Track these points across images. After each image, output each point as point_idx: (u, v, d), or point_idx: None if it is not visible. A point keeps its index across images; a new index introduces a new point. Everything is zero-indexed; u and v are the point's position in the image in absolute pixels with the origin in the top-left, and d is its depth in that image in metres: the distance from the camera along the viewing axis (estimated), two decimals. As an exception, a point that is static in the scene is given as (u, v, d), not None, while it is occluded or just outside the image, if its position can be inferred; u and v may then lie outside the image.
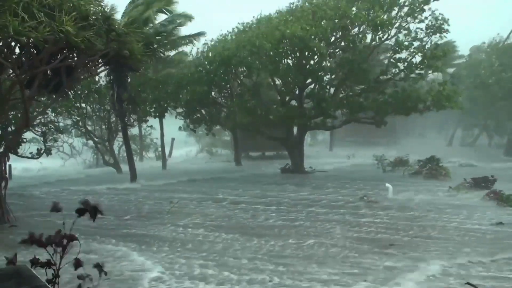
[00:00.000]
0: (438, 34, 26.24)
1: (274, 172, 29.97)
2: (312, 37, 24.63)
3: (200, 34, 30.84)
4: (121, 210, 17.04)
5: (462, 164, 30.96)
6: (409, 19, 26.01)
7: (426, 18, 25.77)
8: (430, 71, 26.84)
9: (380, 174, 27.74)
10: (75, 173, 33.54)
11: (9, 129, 23.02)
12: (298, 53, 26.13)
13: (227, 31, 30.42)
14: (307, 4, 28.09)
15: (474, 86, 40.56)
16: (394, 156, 30.46)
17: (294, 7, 29.19)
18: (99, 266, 4.67)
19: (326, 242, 11.52)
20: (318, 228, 13.24)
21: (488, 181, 20.39)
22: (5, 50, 13.47)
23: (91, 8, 12.75)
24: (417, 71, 26.28)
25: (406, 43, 25.89)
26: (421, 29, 25.92)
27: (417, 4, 25.54)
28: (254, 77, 28.85)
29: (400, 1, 25.83)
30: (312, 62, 26.10)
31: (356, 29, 26.41)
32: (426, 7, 25.54)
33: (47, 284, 4.13)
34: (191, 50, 31.88)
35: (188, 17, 28.86)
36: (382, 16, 24.86)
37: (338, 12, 25.32)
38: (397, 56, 26.49)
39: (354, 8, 25.84)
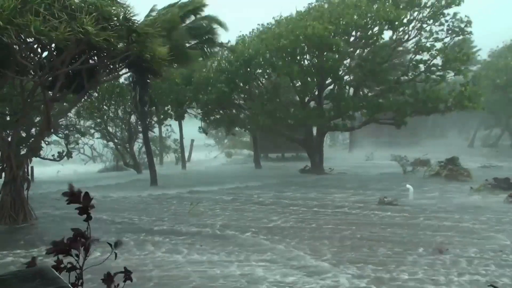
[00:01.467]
0: (460, 36, 26.04)
1: (295, 173, 29.77)
2: (332, 34, 24.52)
3: (227, 46, 30.28)
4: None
5: (485, 165, 30.46)
6: (430, 21, 25.81)
7: (447, 21, 25.58)
8: (451, 74, 26.63)
9: (400, 175, 27.48)
10: (96, 176, 33.54)
11: (32, 131, 23.42)
12: (317, 53, 26.05)
13: (248, 32, 30.40)
14: (325, 4, 28.01)
15: (492, 87, 40.11)
16: (415, 157, 30.16)
17: (313, 7, 29.09)
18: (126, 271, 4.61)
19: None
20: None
21: (510, 183, 20.08)
22: (28, 52, 13.63)
23: (113, 9, 12.79)
24: (438, 73, 26.06)
25: (428, 44, 25.69)
26: (443, 30, 25.73)
27: (439, 6, 25.33)
28: (274, 78, 28.82)
29: (421, 2, 25.63)
30: (331, 61, 25.90)
31: (376, 28, 26.19)
32: (446, 11, 25.38)
33: (70, 286, 4.12)
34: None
35: (216, 21, 28.08)
36: (395, 13, 24.64)
37: (358, 11, 25.19)
38: (418, 57, 26.31)
39: (374, 7, 25.63)
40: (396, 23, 25.03)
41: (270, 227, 13.71)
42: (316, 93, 28.45)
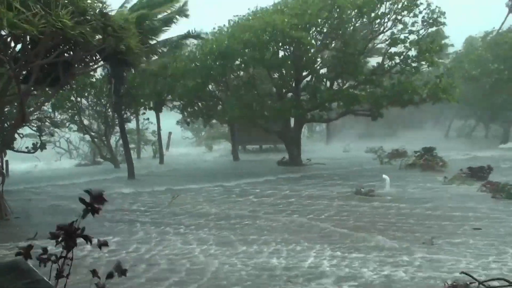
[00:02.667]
0: (434, 28, 26.33)
1: (274, 166, 29.86)
2: (300, 27, 24.54)
3: (198, 36, 30.32)
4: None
5: (459, 155, 30.94)
6: (404, 12, 26.01)
7: (420, 12, 25.84)
8: (425, 65, 26.93)
9: (377, 166, 27.78)
10: (70, 170, 33.23)
11: (6, 124, 23.09)
12: (292, 46, 26.16)
13: (223, 25, 30.35)
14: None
15: (465, 78, 40.66)
16: (392, 148, 30.52)
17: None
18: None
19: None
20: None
21: (484, 171, 20.44)
22: (1, 44, 13.44)
23: (88, 3, 12.70)
24: (413, 65, 26.34)
25: (402, 37, 25.94)
26: (417, 22, 25.98)
27: None
28: (251, 70, 28.81)
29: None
30: (305, 54, 26.01)
31: (344, 16, 26.24)
32: (420, 2, 25.64)
33: (45, 278, 4.15)
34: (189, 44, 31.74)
35: (183, 12, 28.40)
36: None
37: (324, 2, 25.34)
38: (393, 50, 26.56)
39: None
40: (364, 10, 25.11)
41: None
42: (293, 85, 28.55)
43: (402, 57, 26.33)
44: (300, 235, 11.50)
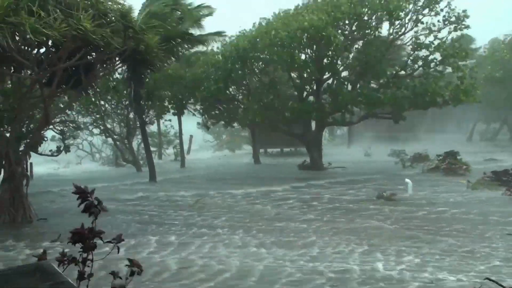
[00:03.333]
0: (459, 32, 26.05)
1: (294, 170, 29.74)
2: (329, 27, 24.43)
3: (219, 33, 30.56)
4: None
5: (484, 159, 30.43)
6: (425, 11, 25.76)
7: (441, 10, 25.56)
8: (450, 69, 26.65)
9: (399, 169, 27.52)
10: (92, 173, 33.38)
11: (30, 127, 23.36)
12: (315, 46, 26.03)
13: (249, 28, 30.40)
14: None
15: (488, 80, 40.11)
16: (414, 152, 30.21)
17: (311, 1, 29.08)
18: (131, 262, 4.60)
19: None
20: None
21: (509, 175, 20.10)
22: (24, 49, 13.59)
23: (109, 6, 12.77)
24: (436, 68, 26.08)
25: (427, 42, 25.69)
26: (439, 21, 25.71)
27: None
28: (271, 72, 28.76)
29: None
30: (329, 53, 25.83)
31: (374, 17, 26.09)
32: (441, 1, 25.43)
33: (69, 280, 4.14)
34: (208, 47, 31.82)
35: (208, 9, 28.44)
36: (395, 2, 24.64)
37: (353, 1, 25.19)
38: (416, 53, 26.28)
39: None
40: (394, 13, 24.97)
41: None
42: (314, 87, 28.43)
43: (425, 61, 26.02)
44: (380, 239, 11.45)
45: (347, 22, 26.29)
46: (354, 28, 26.79)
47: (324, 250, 10.43)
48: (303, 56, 27.01)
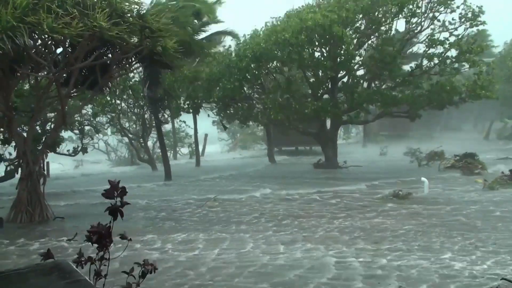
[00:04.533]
0: (474, 28, 25.80)
1: (309, 169, 29.70)
2: (337, 24, 24.30)
3: (230, 33, 30.60)
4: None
5: (498, 158, 30.00)
6: (441, 9, 25.57)
7: (458, 7, 25.35)
8: (466, 66, 26.38)
9: (415, 168, 27.36)
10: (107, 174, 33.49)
11: (47, 127, 23.66)
12: (327, 43, 25.95)
13: (260, 27, 30.45)
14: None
15: (507, 77, 39.70)
16: (429, 150, 29.99)
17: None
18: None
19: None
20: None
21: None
22: (42, 49, 13.73)
23: (126, 5, 12.84)
24: (452, 66, 25.85)
25: (441, 37, 25.49)
26: (454, 18, 25.51)
27: None
28: (286, 71, 28.74)
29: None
30: (342, 52, 25.71)
31: (386, 14, 25.89)
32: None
33: (87, 278, 4.18)
34: (225, 47, 31.91)
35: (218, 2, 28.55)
36: None
37: None
38: (431, 51, 26.06)
39: None
40: (407, 10, 24.77)
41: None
42: (329, 86, 28.35)
43: (441, 58, 25.79)
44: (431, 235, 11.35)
45: (358, 18, 26.08)
46: (366, 25, 26.59)
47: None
48: (317, 54, 26.97)
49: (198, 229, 12.93)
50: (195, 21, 26.42)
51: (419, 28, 26.55)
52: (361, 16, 26.07)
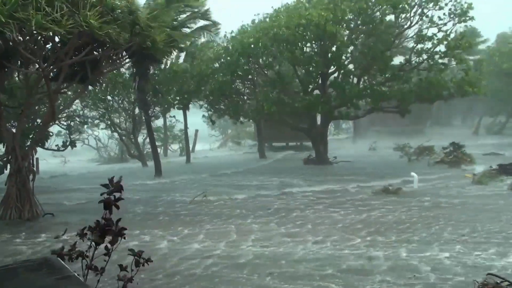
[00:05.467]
0: (463, 24, 25.86)
1: (298, 164, 29.74)
2: (331, 22, 24.29)
3: (213, 25, 30.22)
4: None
5: (487, 153, 30.12)
6: (430, 5, 25.62)
7: (446, 4, 25.41)
8: (454, 62, 26.48)
9: (405, 163, 27.50)
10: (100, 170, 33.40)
11: (36, 122, 23.53)
12: (320, 40, 25.93)
13: (248, 23, 30.36)
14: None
15: (496, 73, 39.91)
16: (418, 145, 30.14)
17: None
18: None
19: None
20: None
21: (515, 168, 20.05)
22: (31, 44, 13.64)
23: (116, 2, 12.80)
24: (440, 61, 25.93)
25: (430, 34, 25.52)
26: (444, 14, 25.53)
27: None
28: (276, 67, 28.70)
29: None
30: (333, 48, 25.73)
31: (376, 11, 25.91)
32: None
33: (76, 274, 4.19)
34: (211, 42, 31.70)
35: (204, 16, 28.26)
36: None
37: None
38: (420, 46, 26.11)
39: None
40: (400, 6, 24.82)
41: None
42: (320, 81, 28.36)
43: (429, 53, 25.87)
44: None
45: (351, 16, 26.08)
46: (359, 22, 26.60)
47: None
48: (308, 50, 26.95)
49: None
50: (181, 15, 26.23)
51: (408, 23, 26.60)
52: (355, 14, 26.01)
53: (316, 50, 26.88)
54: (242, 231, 11.99)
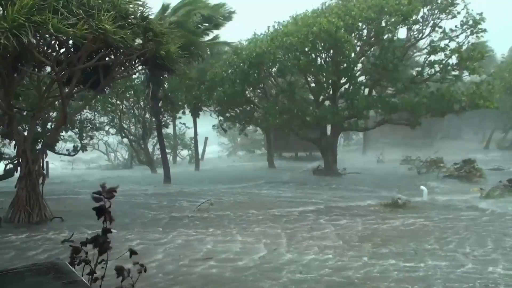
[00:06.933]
0: (475, 35, 25.76)
1: (307, 175, 29.68)
2: (342, 29, 24.24)
3: (230, 44, 30.30)
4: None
5: (491, 168, 29.46)
6: (442, 16, 25.57)
7: (459, 13, 25.34)
8: (466, 73, 26.37)
9: (414, 175, 27.35)
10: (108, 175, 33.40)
11: (48, 126, 23.71)
12: (331, 50, 25.88)
13: (264, 31, 30.47)
14: (340, 1, 27.94)
15: (507, 89, 39.62)
16: (428, 157, 29.96)
17: (327, 4, 29.03)
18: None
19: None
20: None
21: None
22: (45, 48, 13.76)
23: (130, 7, 12.89)
24: (453, 73, 25.84)
25: (442, 45, 25.45)
26: (456, 26, 25.46)
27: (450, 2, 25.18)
28: (288, 76, 28.73)
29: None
30: (344, 58, 25.64)
31: (389, 22, 25.83)
32: (458, 1, 25.17)
33: (83, 279, 4.19)
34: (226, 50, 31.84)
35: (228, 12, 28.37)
36: (408, 5, 24.35)
37: (368, 4, 24.97)
38: (433, 58, 26.05)
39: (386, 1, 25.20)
40: (411, 19, 24.76)
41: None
42: (331, 92, 28.34)
43: (442, 65, 25.79)
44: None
45: (362, 26, 26.03)
46: (370, 32, 26.56)
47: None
48: (319, 61, 26.94)
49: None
50: (199, 26, 26.33)
51: (420, 35, 26.56)
52: (365, 26, 25.98)
53: (327, 59, 26.80)
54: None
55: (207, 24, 26.79)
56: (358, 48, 26.86)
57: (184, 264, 9.84)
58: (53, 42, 13.56)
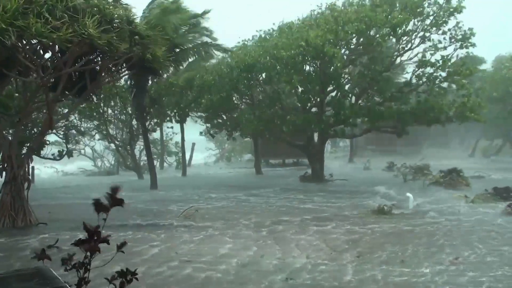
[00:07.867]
0: (464, 49, 25.93)
1: (294, 181, 29.75)
2: (330, 43, 24.30)
3: (217, 46, 30.33)
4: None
5: (473, 176, 29.48)
6: (433, 30, 25.73)
7: (449, 30, 25.51)
8: (454, 87, 26.56)
9: (400, 182, 27.44)
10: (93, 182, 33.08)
11: (33, 131, 23.51)
12: (319, 61, 25.92)
13: (248, 39, 30.54)
14: (328, 11, 28.02)
15: (491, 99, 40.04)
16: (414, 164, 30.10)
17: (315, 14, 29.13)
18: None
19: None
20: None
21: (510, 192, 19.99)
22: (30, 53, 13.68)
23: (115, 11, 12.84)
24: (441, 85, 26.03)
25: (433, 60, 25.57)
26: (445, 38, 25.62)
27: (441, 14, 25.27)
28: (275, 84, 28.77)
29: (424, 11, 25.58)
30: (332, 69, 25.70)
31: (375, 31, 25.91)
32: (449, 19, 25.29)
33: (67, 285, 4.16)
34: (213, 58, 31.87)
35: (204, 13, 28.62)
36: (399, 16, 24.46)
37: (359, 16, 25.04)
38: (421, 70, 26.17)
39: (376, 13, 25.29)
40: (399, 30, 24.86)
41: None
42: (318, 99, 28.40)
43: (431, 78, 25.94)
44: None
45: (351, 37, 26.10)
46: (360, 41, 26.62)
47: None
48: (307, 68, 26.99)
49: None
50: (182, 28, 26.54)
51: (409, 45, 26.68)
52: (355, 37, 26.07)
53: (316, 69, 26.81)
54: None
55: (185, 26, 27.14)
56: (345, 57, 26.94)
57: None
58: (38, 47, 13.47)
